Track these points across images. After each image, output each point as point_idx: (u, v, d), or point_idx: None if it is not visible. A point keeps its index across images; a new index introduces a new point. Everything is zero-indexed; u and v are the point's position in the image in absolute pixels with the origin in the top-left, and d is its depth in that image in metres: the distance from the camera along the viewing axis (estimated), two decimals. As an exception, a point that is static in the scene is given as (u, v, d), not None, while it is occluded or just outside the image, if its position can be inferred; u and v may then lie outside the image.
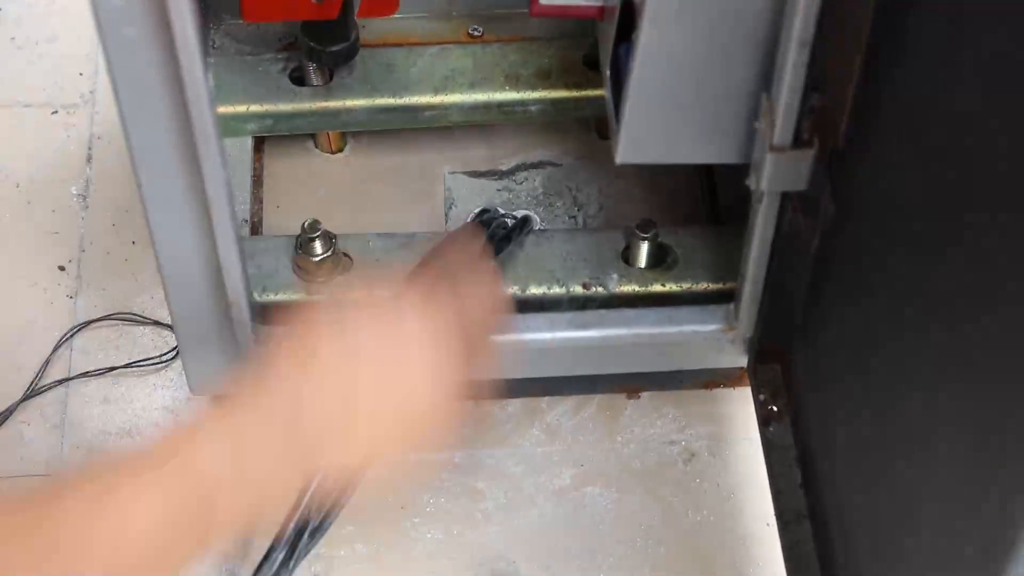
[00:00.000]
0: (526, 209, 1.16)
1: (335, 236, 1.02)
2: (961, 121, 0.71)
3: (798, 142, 0.85)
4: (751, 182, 0.88)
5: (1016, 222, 0.64)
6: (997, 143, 0.66)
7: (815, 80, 0.82)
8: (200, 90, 0.81)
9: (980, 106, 0.68)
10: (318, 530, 0.93)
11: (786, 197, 0.90)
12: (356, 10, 1.01)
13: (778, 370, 1.01)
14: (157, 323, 1.13)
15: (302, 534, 0.92)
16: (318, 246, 1.01)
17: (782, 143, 0.84)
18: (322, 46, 1.06)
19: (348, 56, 1.08)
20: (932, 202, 0.75)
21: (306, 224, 1.01)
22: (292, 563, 0.93)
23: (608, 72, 0.93)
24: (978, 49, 0.68)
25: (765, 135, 0.85)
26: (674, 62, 0.85)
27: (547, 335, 1.00)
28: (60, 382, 1.09)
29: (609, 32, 0.92)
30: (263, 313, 1.00)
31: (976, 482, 0.70)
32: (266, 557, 0.92)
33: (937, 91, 0.73)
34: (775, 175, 0.86)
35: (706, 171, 1.15)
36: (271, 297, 1.02)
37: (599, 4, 0.94)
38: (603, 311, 1.01)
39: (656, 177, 1.17)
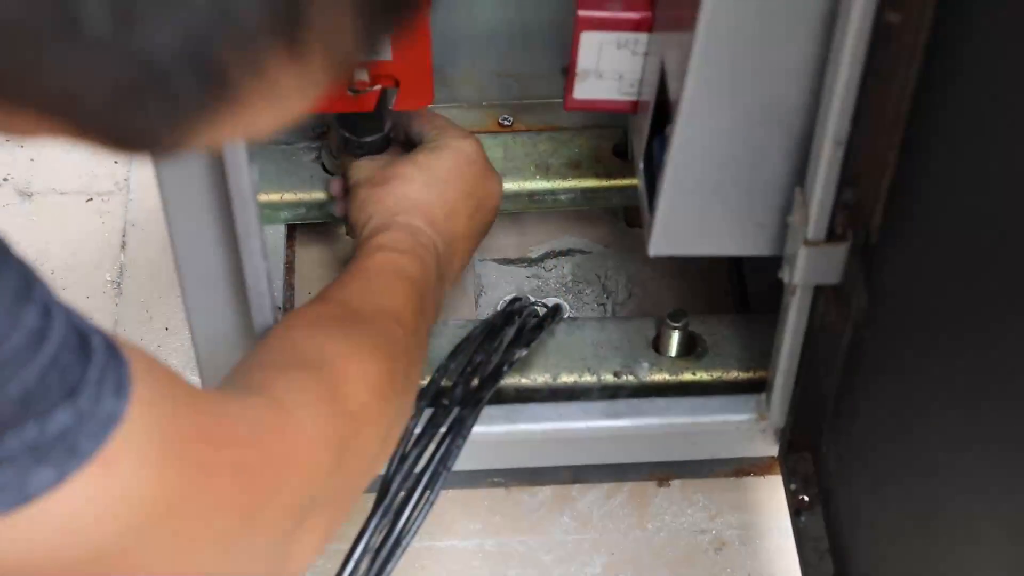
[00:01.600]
0: (555, 296, 1.17)
1: (368, 324, 1.03)
2: (992, 217, 0.71)
3: (832, 236, 0.85)
4: (784, 275, 0.89)
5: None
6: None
7: (849, 175, 0.83)
8: (243, 179, 0.82)
9: (1012, 204, 0.69)
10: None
11: (819, 289, 0.90)
12: (392, 103, 1.02)
13: (809, 459, 1.02)
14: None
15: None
16: (352, 334, 1.02)
17: (816, 237, 0.85)
18: (357, 136, 1.08)
19: (382, 147, 1.10)
20: (964, 295, 0.76)
21: (340, 312, 1.02)
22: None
23: (641, 165, 0.94)
24: (1012, 149, 0.69)
25: (799, 229, 0.86)
26: (709, 156, 0.86)
27: (580, 424, 1.00)
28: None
29: (643, 125, 0.93)
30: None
31: (1016, 562, 0.70)
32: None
33: (970, 187, 0.74)
34: (809, 269, 0.87)
35: (735, 258, 1.16)
36: (304, 384, 1.03)
37: (633, 99, 0.95)
38: (635, 400, 1.01)
39: (685, 264, 1.18)
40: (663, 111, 0.89)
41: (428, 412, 0.97)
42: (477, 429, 0.97)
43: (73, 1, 0.43)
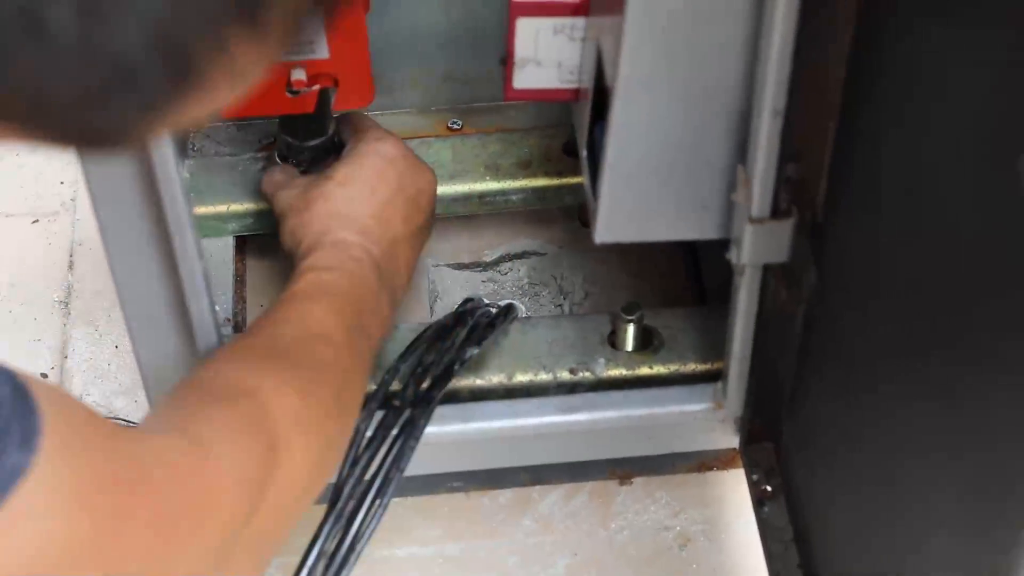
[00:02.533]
0: (512, 300, 1.15)
1: (318, 330, 1.01)
2: (935, 185, 0.70)
3: (776, 213, 0.84)
4: (732, 255, 0.88)
5: (999, 285, 0.64)
6: (972, 206, 0.66)
7: (790, 149, 0.82)
8: (174, 186, 0.81)
9: (953, 169, 0.68)
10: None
11: (768, 270, 0.89)
12: (332, 103, 1.01)
13: (770, 449, 1.00)
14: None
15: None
16: (301, 340, 1.01)
17: (760, 214, 0.84)
18: (300, 141, 1.06)
19: (327, 151, 1.08)
20: (912, 268, 0.74)
21: (288, 318, 1.00)
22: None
23: (585, 154, 0.93)
24: (951, 112, 0.68)
25: (743, 207, 0.84)
26: (648, 138, 0.84)
27: (535, 420, 0.99)
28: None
29: (584, 114, 0.92)
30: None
31: (974, 547, 0.69)
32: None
33: (910, 156, 0.73)
34: (755, 247, 0.86)
35: (691, 255, 1.15)
36: (255, 394, 1.01)
37: (574, 86, 0.94)
38: (590, 394, 1.00)
39: (642, 263, 1.16)
40: (602, 97, 0.88)
41: (379, 415, 0.95)
42: (432, 430, 0.95)
43: (39, 2, 0.43)
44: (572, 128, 1.13)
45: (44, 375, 1.15)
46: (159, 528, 0.64)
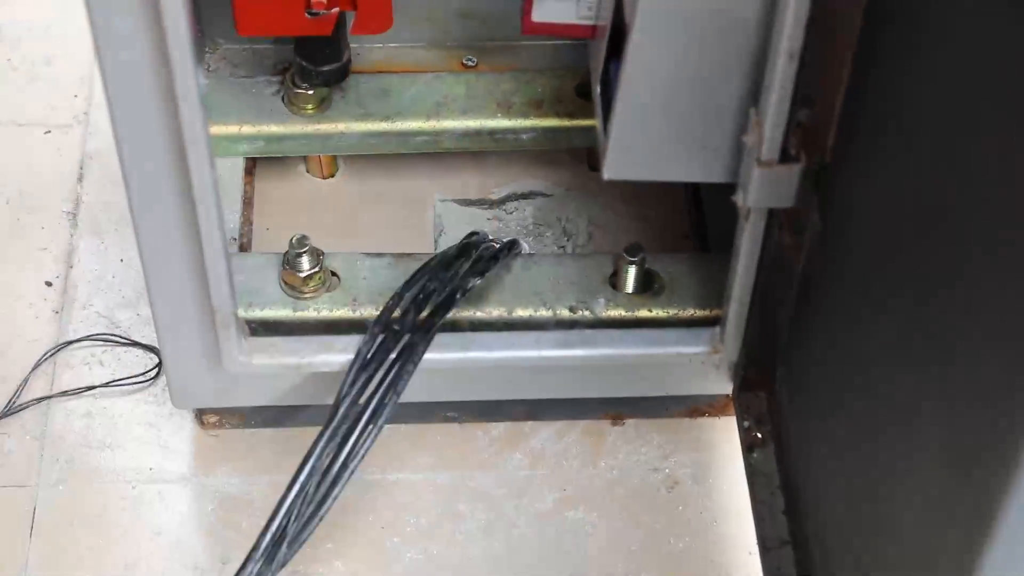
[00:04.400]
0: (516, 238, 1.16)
1: (323, 253, 1.02)
2: (946, 133, 0.71)
3: (785, 157, 0.85)
4: (738, 198, 0.88)
5: (1005, 236, 0.64)
6: (985, 155, 0.66)
7: (803, 95, 0.82)
8: (192, 93, 0.82)
9: (967, 118, 0.69)
10: (295, 541, 0.92)
11: (772, 216, 0.90)
12: (349, 28, 1.01)
13: (763, 397, 1.01)
14: (136, 343, 1.12)
15: (280, 544, 0.91)
16: (305, 262, 1.01)
17: (769, 158, 0.85)
18: (315, 65, 1.07)
19: (340, 76, 1.09)
20: (915, 219, 0.75)
21: (294, 239, 1.01)
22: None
23: (598, 90, 0.94)
24: (966, 60, 0.68)
25: (753, 150, 0.85)
26: (662, 76, 0.85)
27: (533, 353, 0.99)
28: (40, 400, 1.09)
29: (599, 51, 0.93)
30: (249, 328, 1.00)
31: (956, 496, 0.70)
32: (243, 567, 0.91)
33: (922, 103, 0.74)
34: (762, 191, 0.86)
35: (695, 202, 1.15)
36: (256, 313, 1.02)
37: (591, 23, 0.94)
38: (589, 331, 1.01)
39: (645, 209, 1.17)
40: (619, 35, 0.89)
41: (380, 339, 0.96)
42: (430, 357, 0.96)
43: None
44: (585, 71, 1.14)
45: (49, 283, 1.16)
46: None
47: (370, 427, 0.94)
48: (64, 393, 1.09)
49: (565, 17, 0.94)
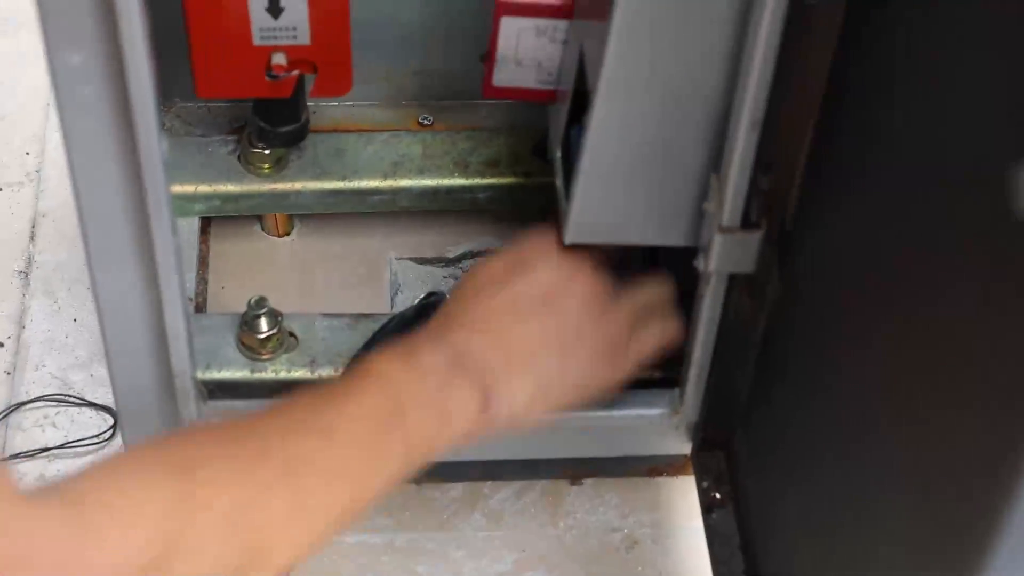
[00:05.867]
0: (472, 297, 1.16)
1: (281, 314, 1.02)
2: (907, 200, 0.72)
3: (747, 223, 0.86)
4: (699, 263, 0.89)
5: (965, 302, 0.65)
6: (947, 222, 0.67)
7: (765, 162, 0.83)
8: (154, 155, 0.81)
9: (927, 185, 0.70)
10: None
11: (733, 280, 0.90)
12: (309, 91, 1.01)
13: (721, 457, 1.02)
14: (91, 404, 1.11)
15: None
16: (264, 323, 1.01)
17: (731, 224, 0.85)
18: (273, 127, 1.07)
19: (299, 137, 1.09)
20: (875, 284, 0.76)
21: (252, 301, 1.01)
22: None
23: (559, 154, 0.94)
24: (926, 129, 0.70)
25: (714, 216, 0.86)
26: (625, 142, 0.86)
27: (493, 415, 0.99)
28: (-7, 460, 1.08)
29: (561, 114, 0.93)
30: (205, 391, 1.00)
31: (920, 555, 0.70)
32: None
33: (883, 171, 0.75)
34: (723, 256, 0.87)
35: (652, 260, 1.16)
36: (214, 374, 1.01)
37: (551, 87, 0.95)
38: (549, 393, 1.01)
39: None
40: (581, 100, 0.89)
41: None
42: (389, 420, 0.96)
43: None
44: (541, 131, 1.15)
45: (0, 344, 1.15)
46: None
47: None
48: (17, 455, 1.08)
49: (525, 82, 0.94)
